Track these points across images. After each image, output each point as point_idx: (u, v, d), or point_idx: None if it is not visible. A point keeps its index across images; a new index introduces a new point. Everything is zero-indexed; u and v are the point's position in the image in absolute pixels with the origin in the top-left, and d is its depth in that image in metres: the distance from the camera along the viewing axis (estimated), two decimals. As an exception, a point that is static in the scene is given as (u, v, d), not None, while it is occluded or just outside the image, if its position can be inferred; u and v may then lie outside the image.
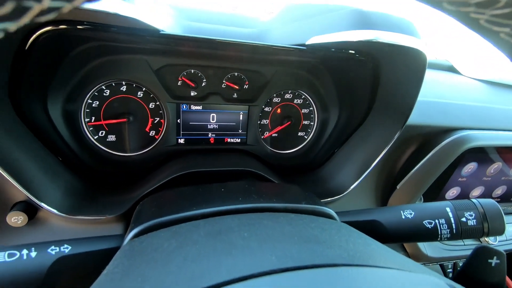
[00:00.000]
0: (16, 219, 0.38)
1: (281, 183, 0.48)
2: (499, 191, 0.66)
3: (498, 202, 0.39)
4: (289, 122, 0.62)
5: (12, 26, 0.09)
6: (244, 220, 0.26)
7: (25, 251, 0.26)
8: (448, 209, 0.33)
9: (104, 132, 0.53)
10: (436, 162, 0.54)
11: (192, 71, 0.54)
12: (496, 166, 0.61)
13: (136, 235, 0.27)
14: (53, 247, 0.27)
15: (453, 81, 0.80)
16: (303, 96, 0.62)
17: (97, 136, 0.52)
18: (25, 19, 0.09)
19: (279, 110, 0.61)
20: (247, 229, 0.24)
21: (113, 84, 0.51)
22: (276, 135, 0.63)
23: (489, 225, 0.32)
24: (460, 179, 0.60)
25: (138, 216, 0.32)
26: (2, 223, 0.39)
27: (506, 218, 0.34)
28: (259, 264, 0.18)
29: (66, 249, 0.27)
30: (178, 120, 0.56)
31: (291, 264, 0.18)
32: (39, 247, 0.27)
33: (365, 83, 0.54)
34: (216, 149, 0.59)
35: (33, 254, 0.26)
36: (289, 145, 0.64)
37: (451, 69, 0.89)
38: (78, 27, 0.38)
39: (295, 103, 0.62)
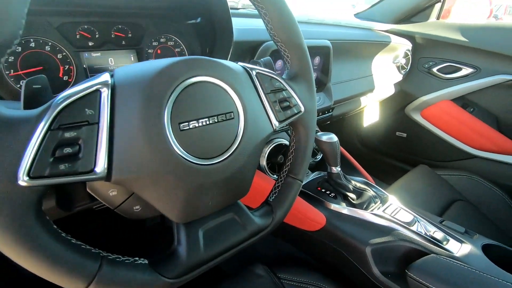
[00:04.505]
0: None
1: None
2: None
3: None
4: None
5: None
6: None
7: None
8: None
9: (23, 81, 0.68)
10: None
11: (86, 26, 0.74)
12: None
13: None
14: None
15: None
16: (174, 39, 0.89)
17: (19, 85, 0.67)
18: None
19: (159, 51, 0.87)
20: None
21: (23, 41, 0.67)
22: (162, 69, 0.88)
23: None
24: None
25: None
26: None
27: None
28: None
29: None
30: (84, 65, 0.75)
31: None
32: None
33: (210, 27, 0.86)
34: None
35: None
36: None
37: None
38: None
39: (169, 45, 0.89)
